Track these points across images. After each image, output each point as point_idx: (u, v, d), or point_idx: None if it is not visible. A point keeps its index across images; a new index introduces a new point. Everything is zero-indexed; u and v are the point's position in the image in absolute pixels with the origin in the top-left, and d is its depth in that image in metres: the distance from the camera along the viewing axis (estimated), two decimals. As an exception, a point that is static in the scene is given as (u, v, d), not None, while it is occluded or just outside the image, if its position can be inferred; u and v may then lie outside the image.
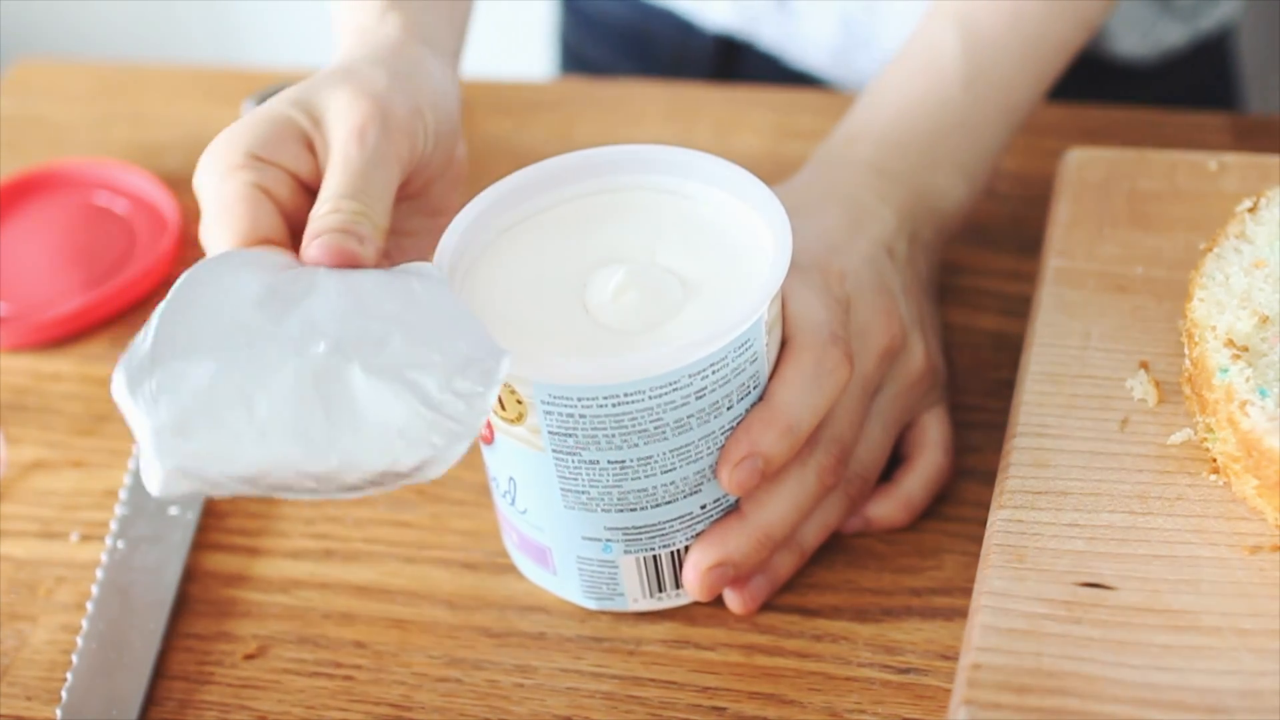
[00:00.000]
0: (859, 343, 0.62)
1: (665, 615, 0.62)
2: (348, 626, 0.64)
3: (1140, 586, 0.53)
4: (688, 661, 0.61)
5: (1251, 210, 0.62)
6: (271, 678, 0.62)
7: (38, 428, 0.74)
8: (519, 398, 0.56)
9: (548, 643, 0.62)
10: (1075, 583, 0.54)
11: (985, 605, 0.54)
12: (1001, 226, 0.77)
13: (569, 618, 0.63)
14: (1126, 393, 0.60)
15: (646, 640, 0.62)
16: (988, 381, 0.70)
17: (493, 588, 0.64)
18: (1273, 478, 0.54)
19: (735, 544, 0.59)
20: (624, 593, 0.61)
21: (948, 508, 0.65)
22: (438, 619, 0.63)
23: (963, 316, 0.73)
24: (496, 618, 0.63)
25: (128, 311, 0.79)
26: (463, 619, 0.63)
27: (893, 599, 0.62)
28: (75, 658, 0.63)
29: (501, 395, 0.56)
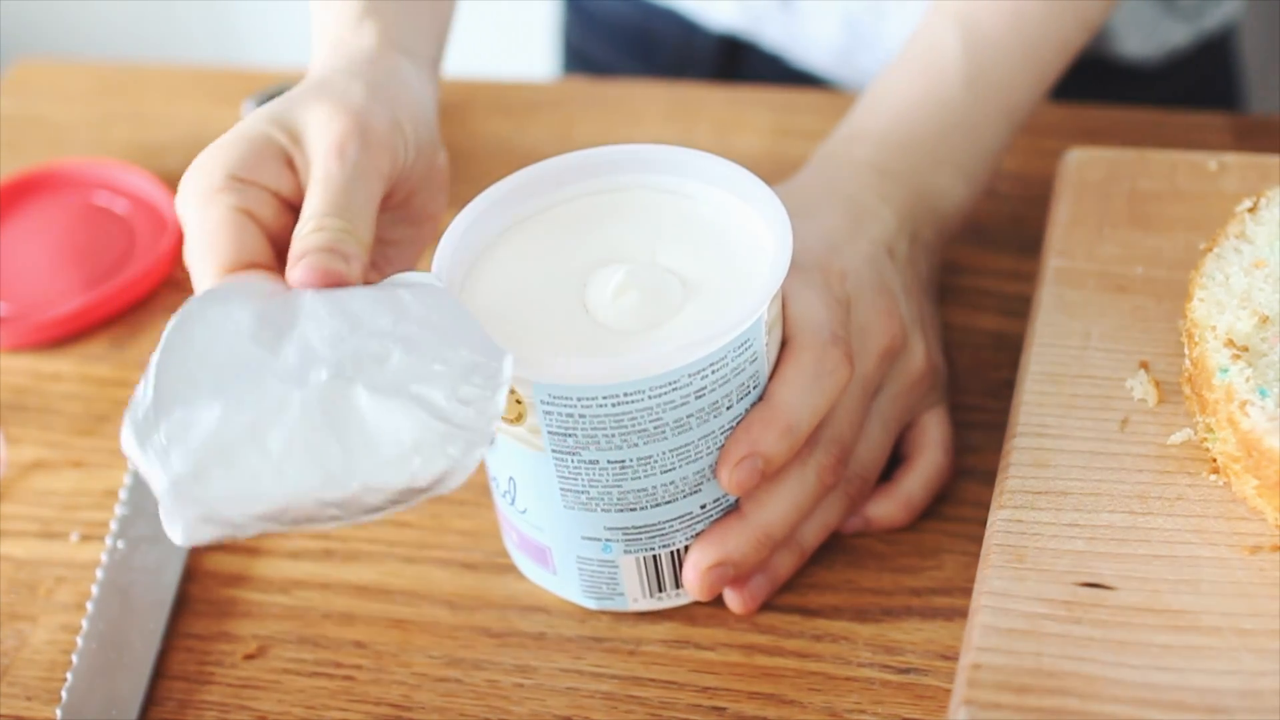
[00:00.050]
0: (859, 343, 0.62)
1: (665, 615, 0.62)
2: (348, 626, 0.64)
3: (1140, 586, 0.53)
4: (688, 661, 0.61)
5: (1251, 210, 0.62)
6: (271, 678, 0.62)
7: (38, 428, 0.74)
8: (519, 398, 0.56)
9: (548, 643, 0.62)
10: (1075, 583, 0.54)
11: (985, 605, 0.54)
12: (1001, 226, 0.77)
13: (569, 618, 0.63)
14: (1126, 393, 0.60)
15: (646, 640, 0.62)
16: (988, 381, 0.70)
17: (493, 588, 0.64)
18: (1273, 478, 0.54)
19: (735, 544, 0.59)
20: (624, 593, 0.61)
21: (948, 508, 0.65)
22: (438, 619, 0.63)
23: (963, 316, 0.73)
24: (496, 618, 0.63)
25: (128, 311, 0.79)
26: (463, 619, 0.63)
27: (893, 599, 0.62)
28: (75, 658, 0.63)
29: (502, 395, 0.56)
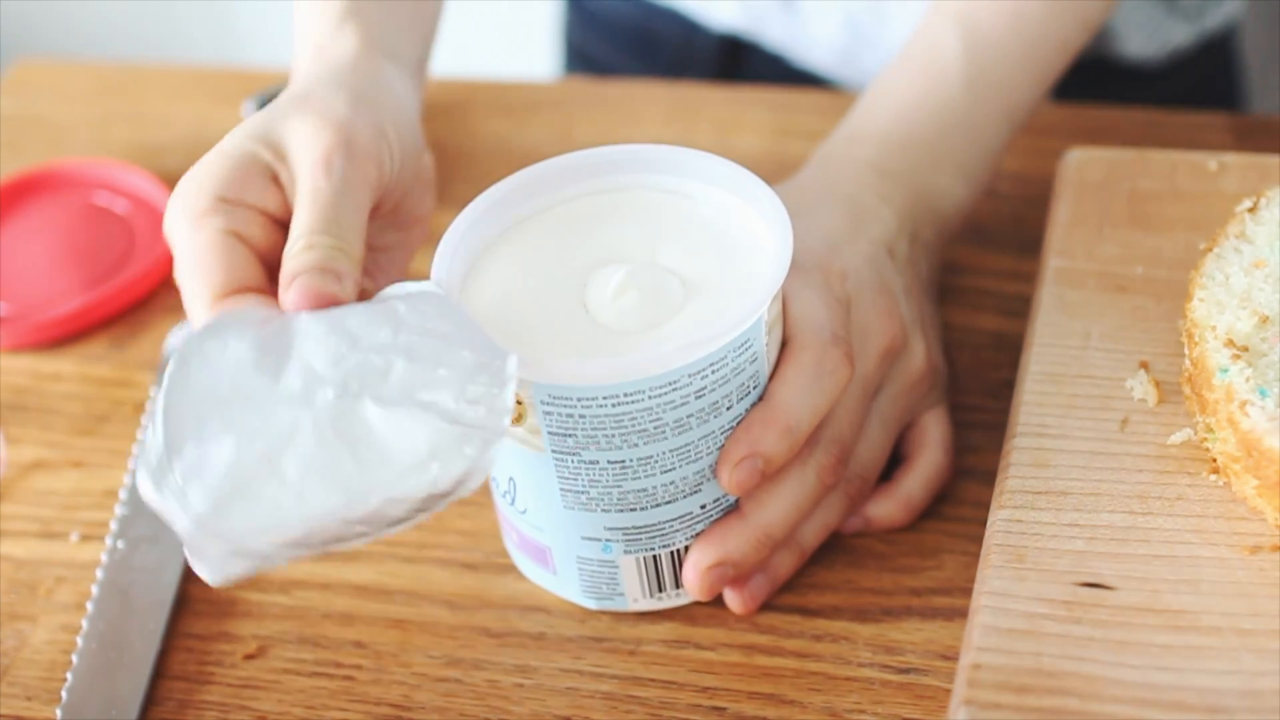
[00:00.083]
0: (860, 343, 0.62)
1: (665, 615, 0.62)
2: (348, 626, 0.64)
3: (1140, 586, 0.53)
4: (688, 661, 0.61)
5: (1251, 210, 0.62)
6: (271, 678, 0.62)
7: (38, 428, 0.74)
8: (519, 398, 0.56)
9: (548, 643, 0.62)
10: (1075, 583, 0.54)
11: (985, 605, 0.54)
12: (1001, 226, 0.77)
13: (569, 618, 0.63)
14: (1126, 393, 0.60)
15: (646, 640, 0.62)
16: (988, 381, 0.70)
17: (493, 588, 0.64)
18: (1273, 478, 0.54)
19: (735, 544, 0.59)
20: (624, 593, 0.61)
21: (948, 508, 0.65)
22: (438, 619, 0.63)
23: (963, 316, 0.73)
24: (496, 618, 0.63)
25: (128, 311, 0.79)
26: (463, 619, 0.63)
27: (893, 599, 0.62)
28: (75, 658, 0.63)
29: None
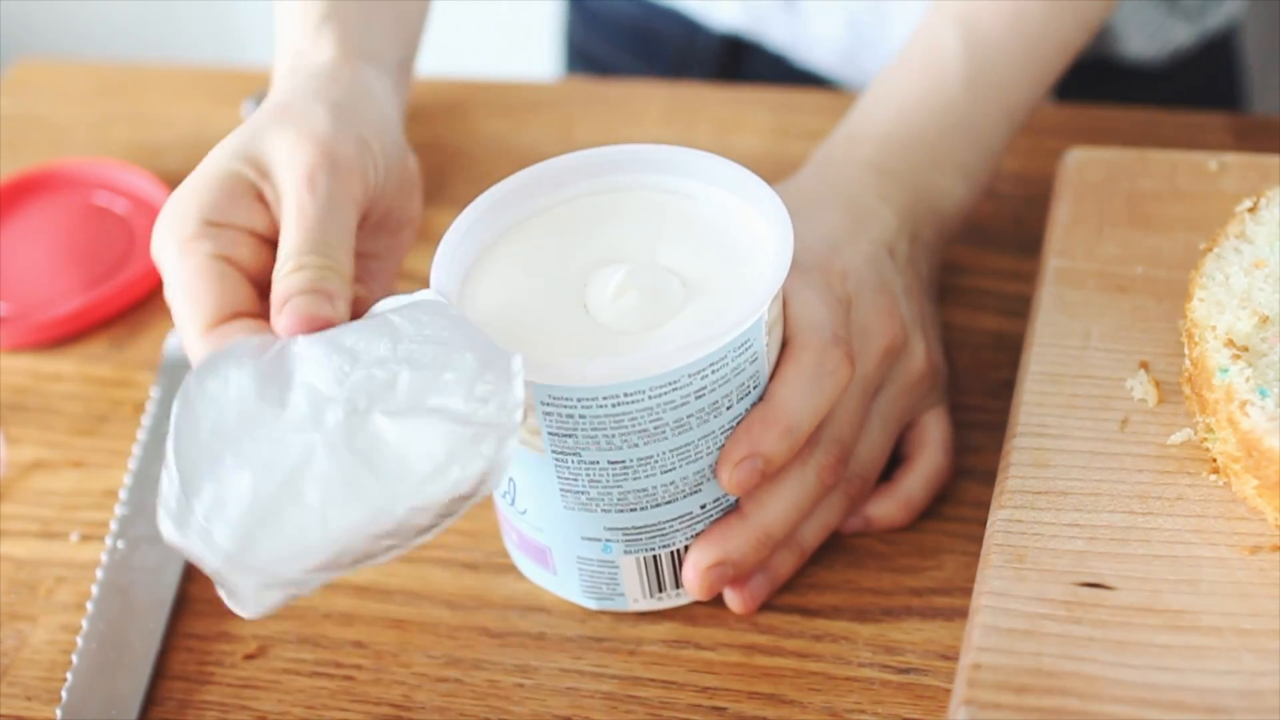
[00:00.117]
0: (860, 343, 0.62)
1: (665, 615, 0.62)
2: (348, 626, 0.64)
3: (1140, 586, 0.53)
4: (688, 661, 0.61)
5: (1251, 210, 0.62)
6: (271, 678, 0.62)
7: (38, 428, 0.74)
8: (520, 397, 0.56)
9: (548, 643, 0.62)
10: (1075, 583, 0.54)
11: (985, 605, 0.54)
12: (1001, 226, 0.77)
13: (569, 618, 0.63)
14: (1126, 393, 0.60)
15: (646, 640, 0.62)
16: (988, 381, 0.70)
17: (493, 588, 0.64)
18: (1273, 478, 0.54)
19: (735, 543, 0.59)
20: (624, 593, 0.61)
21: (948, 508, 0.65)
22: (438, 619, 0.63)
23: (963, 316, 0.73)
24: (496, 618, 0.63)
25: (128, 311, 0.79)
26: (463, 619, 0.63)
27: (893, 599, 0.62)
28: (75, 658, 0.63)
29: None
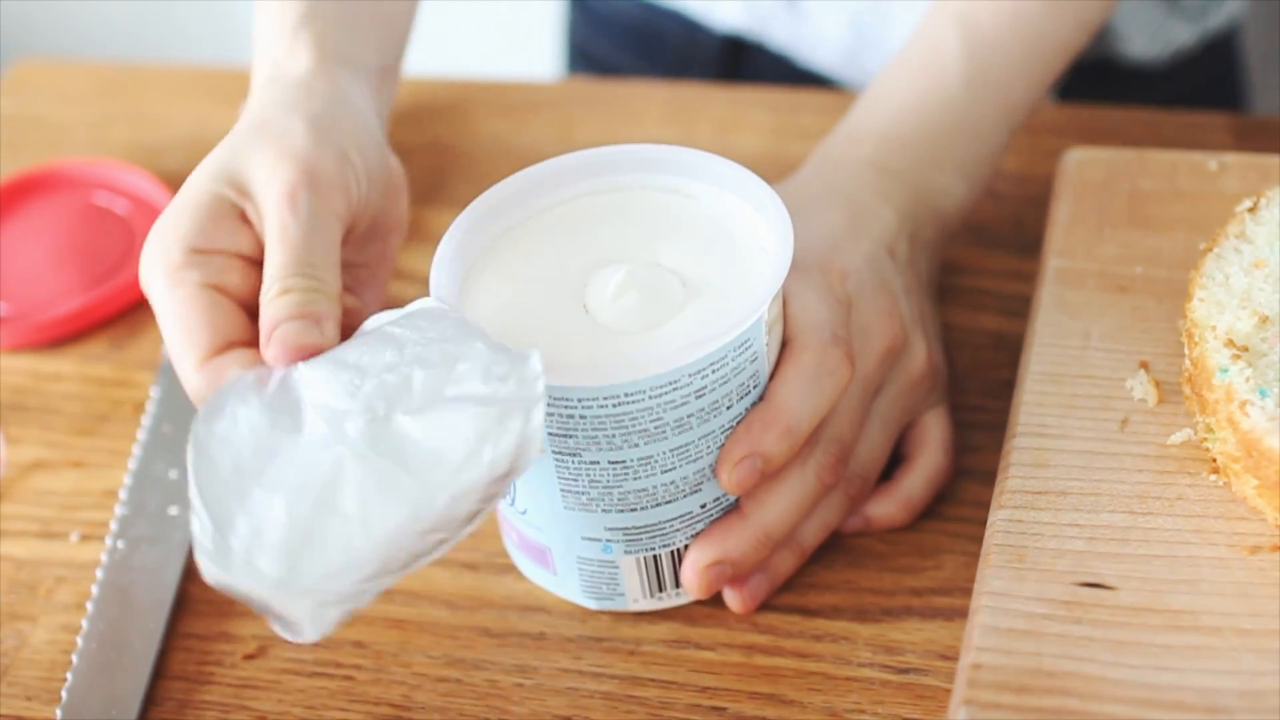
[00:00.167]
0: (860, 343, 0.62)
1: (665, 615, 0.62)
2: (348, 626, 0.63)
3: (1140, 586, 0.53)
4: (688, 661, 0.61)
5: (1251, 210, 0.62)
6: (271, 678, 0.62)
7: (38, 428, 0.74)
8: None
9: (548, 643, 0.62)
10: (1075, 583, 0.54)
11: (985, 605, 0.54)
12: (1001, 226, 0.77)
13: (569, 618, 0.63)
14: (1126, 393, 0.60)
15: (646, 640, 0.62)
16: (988, 381, 0.70)
17: (493, 588, 0.64)
18: (1273, 478, 0.54)
19: (734, 543, 0.59)
20: (624, 593, 0.61)
21: (948, 508, 0.65)
22: (438, 619, 0.63)
23: (963, 316, 0.73)
24: (496, 618, 0.63)
25: (128, 311, 0.79)
26: (463, 619, 0.63)
27: (893, 599, 0.62)
28: (75, 658, 0.63)
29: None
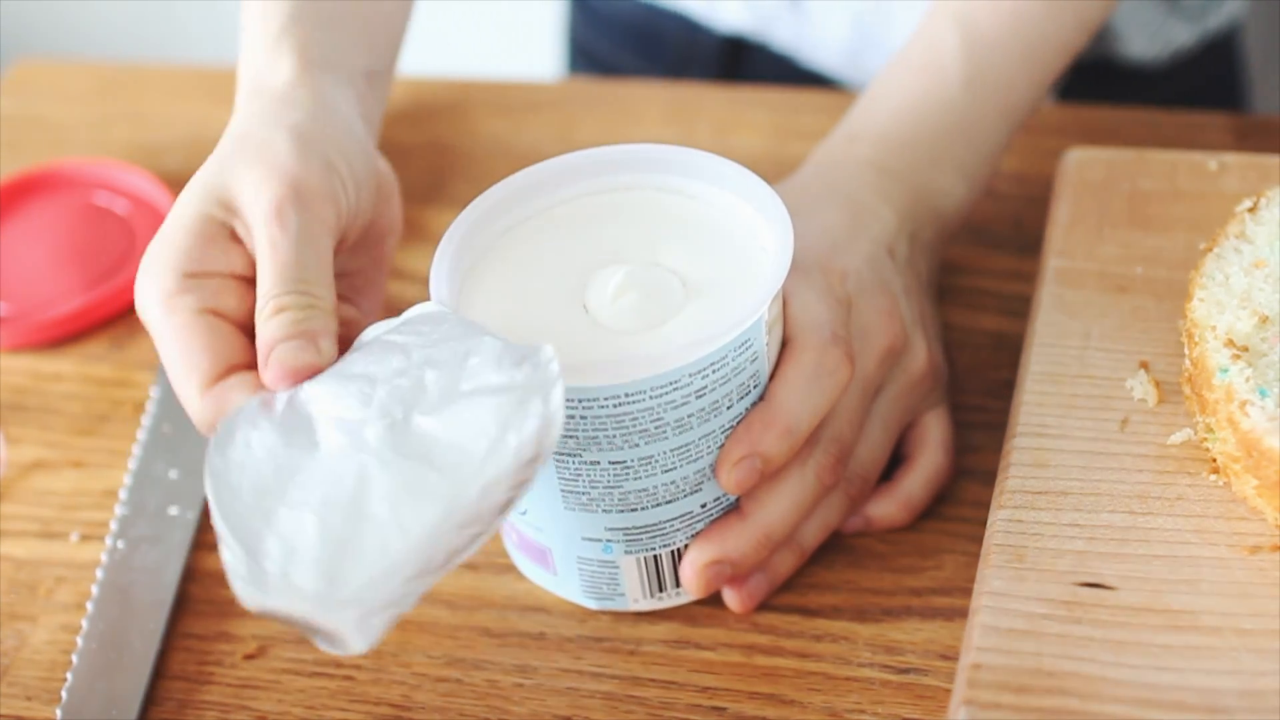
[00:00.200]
0: (860, 343, 0.62)
1: (665, 615, 0.62)
2: (348, 626, 0.64)
3: (1140, 586, 0.53)
4: (688, 661, 0.61)
5: (1251, 210, 0.62)
6: (271, 678, 0.62)
7: (38, 428, 0.74)
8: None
9: (548, 643, 0.62)
10: (1075, 583, 0.54)
11: (985, 605, 0.54)
12: (1001, 226, 0.77)
13: (569, 618, 0.63)
14: (1126, 393, 0.60)
15: (646, 640, 0.62)
16: (988, 381, 0.70)
17: (493, 588, 0.64)
18: (1273, 478, 0.54)
19: (734, 542, 0.59)
20: (624, 593, 0.61)
21: (948, 508, 0.65)
22: (438, 619, 0.63)
23: (963, 316, 0.73)
24: (496, 618, 0.63)
25: (128, 311, 0.79)
26: (463, 619, 0.63)
27: (893, 599, 0.62)
28: (75, 658, 0.63)
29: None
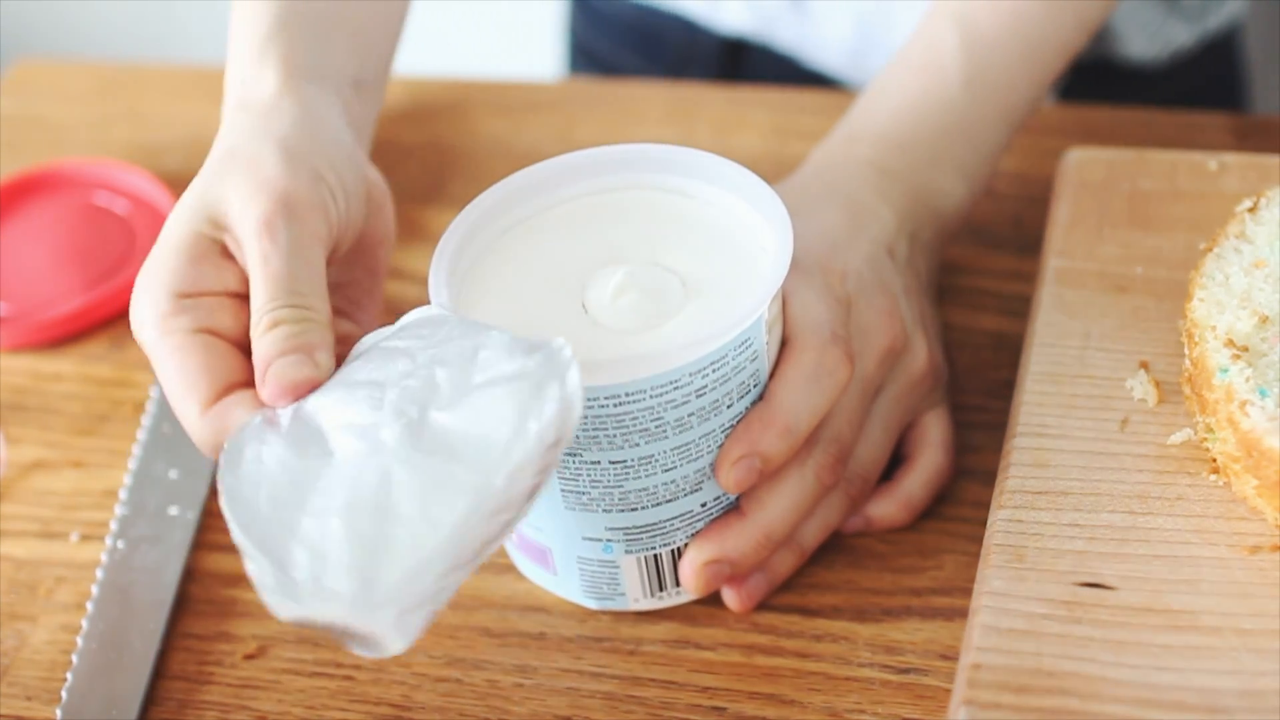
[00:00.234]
0: (860, 343, 0.62)
1: (665, 615, 0.62)
2: (348, 626, 0.64)
3: (1140, 586, 0.53)
4: (688, 661, 0.61)
5: (1251, 210, 0.62)
6: (271, 678, 0.62)
7: (38, 428, 0.74)
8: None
9: (548, 643, 0.62)
10: (1075, 583, 0.54)
11: (985, 605, 0.54)
12: (1001, 226, 0.77)
13: (569, 618, 0.63)
14: (1126, 393, 0.60)
15: (646, 640, 0.62)
16: (988, 381, 0.70)
17: (493, 588, 0.64)
18: (1273, 478, 0.54)
19: (734, 542, 0.59)
20: (625, 592, 0.61)
21: (948, 508, 0.65)
22: (438, 619, 0.63)
23: (963, 316, 0.73)
24: (496, 618, 0.63)
25: (128, 311, 0.79)
26: (463, 619, 0.63)
27: (893, 599, 0.62)
28: (75, 658, 0.63)
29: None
